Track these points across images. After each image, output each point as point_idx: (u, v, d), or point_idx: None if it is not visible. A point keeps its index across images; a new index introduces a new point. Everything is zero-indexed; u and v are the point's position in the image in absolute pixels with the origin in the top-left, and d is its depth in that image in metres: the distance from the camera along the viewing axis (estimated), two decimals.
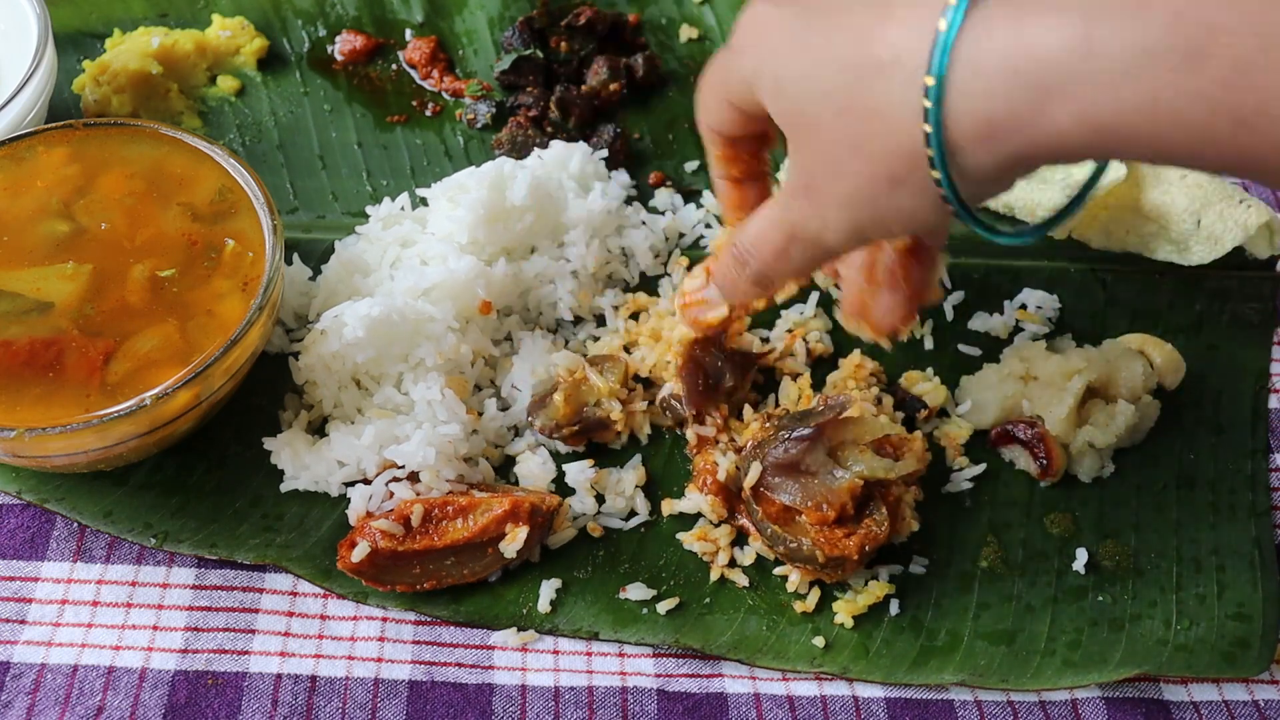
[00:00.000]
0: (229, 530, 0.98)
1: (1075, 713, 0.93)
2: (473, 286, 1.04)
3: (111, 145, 1.04)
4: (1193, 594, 0.98)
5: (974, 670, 0.93)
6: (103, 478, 1.00)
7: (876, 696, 0.93)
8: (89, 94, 1.23)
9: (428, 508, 0.96)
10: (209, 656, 0.92)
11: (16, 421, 0.88)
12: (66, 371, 0.91)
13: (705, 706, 0.92)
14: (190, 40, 1.27)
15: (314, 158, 1.23)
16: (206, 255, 0.98)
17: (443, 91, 1.29)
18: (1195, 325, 1.14)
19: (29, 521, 0.99)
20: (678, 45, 1.35)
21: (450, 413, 0.99)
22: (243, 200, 1.01)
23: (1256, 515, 1.03)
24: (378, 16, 1.34)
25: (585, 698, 0.92)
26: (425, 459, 0.97)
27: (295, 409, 1.04)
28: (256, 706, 0.90)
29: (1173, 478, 1.05)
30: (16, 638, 0.92)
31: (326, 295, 1.07)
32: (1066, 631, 0.96)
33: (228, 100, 1.27)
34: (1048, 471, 1.03)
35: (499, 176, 1.10)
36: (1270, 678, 0.95)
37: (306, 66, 1.30)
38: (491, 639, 0.95)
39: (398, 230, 1.10)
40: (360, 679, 0.92)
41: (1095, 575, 1.00)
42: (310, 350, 1.01)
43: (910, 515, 0.99)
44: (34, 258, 0.97)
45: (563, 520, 0.99)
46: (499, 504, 0.95)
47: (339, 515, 1.00)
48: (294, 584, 0.97)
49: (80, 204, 1.00)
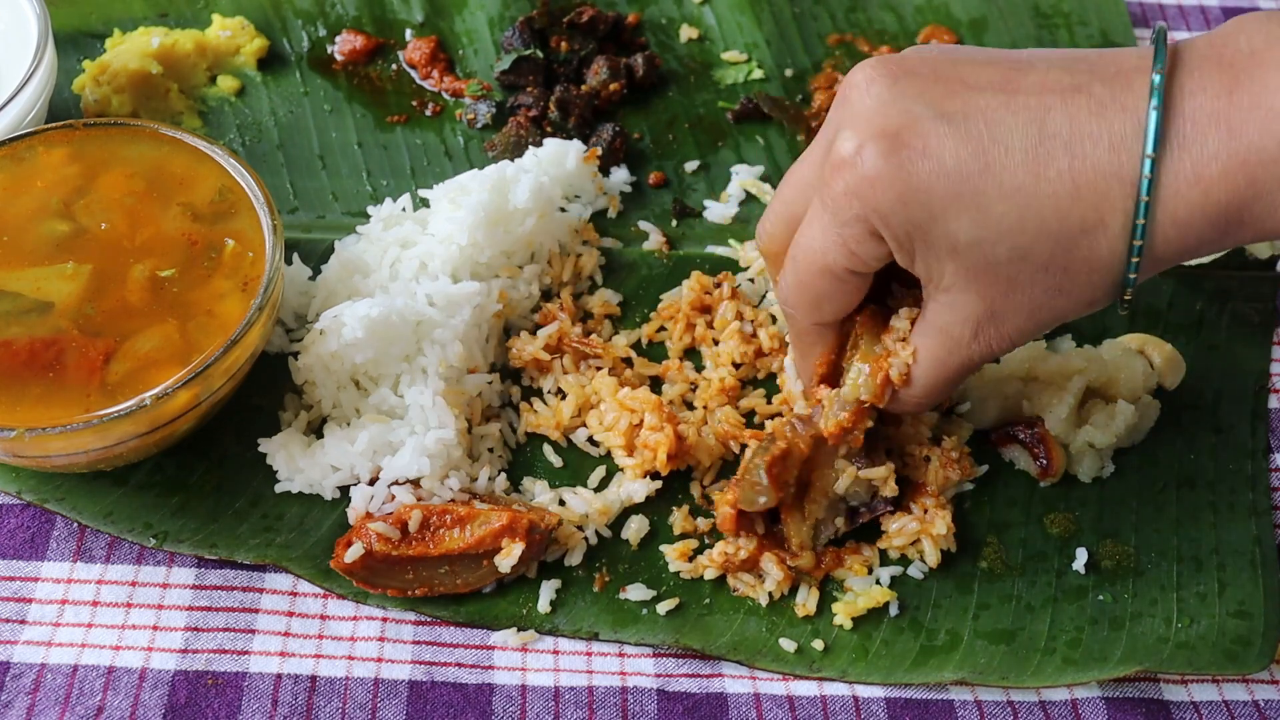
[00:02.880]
0: (229, 530, 0.98)
1: (1075, 713, 0.93)
2: (486, 306, 1.05)
3: (111, 145, 1.04)
4: (1193, 592, 0.98)
5: (974, 669, 0.93)
6: (103, 478, 1.00)
7: (876, 696, 0.93)
8: (89, 94, 1.23)
9: (426, 514, 0.96)
10: (209, 656, 0.92)
11: (16, 421, 0.88)
12: (66, 371, 0.91)
13: (705, 706, 0.92)
14: (190, 40, 1.27)
15: (314, 158, 1.23)
16: (206, 255, 0.98)
17: (443, 91, 1.29)
18: (1195, 325, 1.14)
19: (29, 521, 0.99)
20: (678, 45, 1.35)
21: (441, 420, 0.99)
22: (243, 200, 1.01)
23: (1257, 514, 1.03)
24: (378, 16, 1.34)
25: (585, 698, 0.92)
26: (421, 469, 0.97)
27: (295, 409, 1.04)
28: (256, 706, 0.90)
29: (1173, 478, 1.05)
30: (16, 638, 0.92)
31: (326, 295, 1.07)
32: (1067, 630, 0.96)
33: (228, 100, 1.27)
34: (1048, 471, 1.03)
35: (501, 179, 1.10)
36: (1270, 677, 0.95)
37: (306, 66, 1.30)
38: (491, 639, 0.95)
39: (398, 231, 1.10)
40: (360, 679, 0.92)
41: (1095, 575, 1.00)
42: (309, 350, 1.01)
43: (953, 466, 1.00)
44: (34, 258, 0.97)
45: (569, 537, 0.99)
46: (497, 518, 0.95)
47: (339, 515, 1.00)
48: (294, 584, 0.97)
49: (80, 204, 1.00)
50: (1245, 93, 0.76)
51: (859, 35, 1.37)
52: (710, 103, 1.30)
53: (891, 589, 0.97)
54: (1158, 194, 0.78)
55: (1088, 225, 0.79)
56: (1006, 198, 0.79)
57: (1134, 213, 0.78)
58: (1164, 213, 0.78)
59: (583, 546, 0.99)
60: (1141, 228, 0.78)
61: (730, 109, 1.29)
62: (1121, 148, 0.78)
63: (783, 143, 1.27)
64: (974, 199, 0.79)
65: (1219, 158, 0.76)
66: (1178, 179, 0.77)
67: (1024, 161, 0.78)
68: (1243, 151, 0.76)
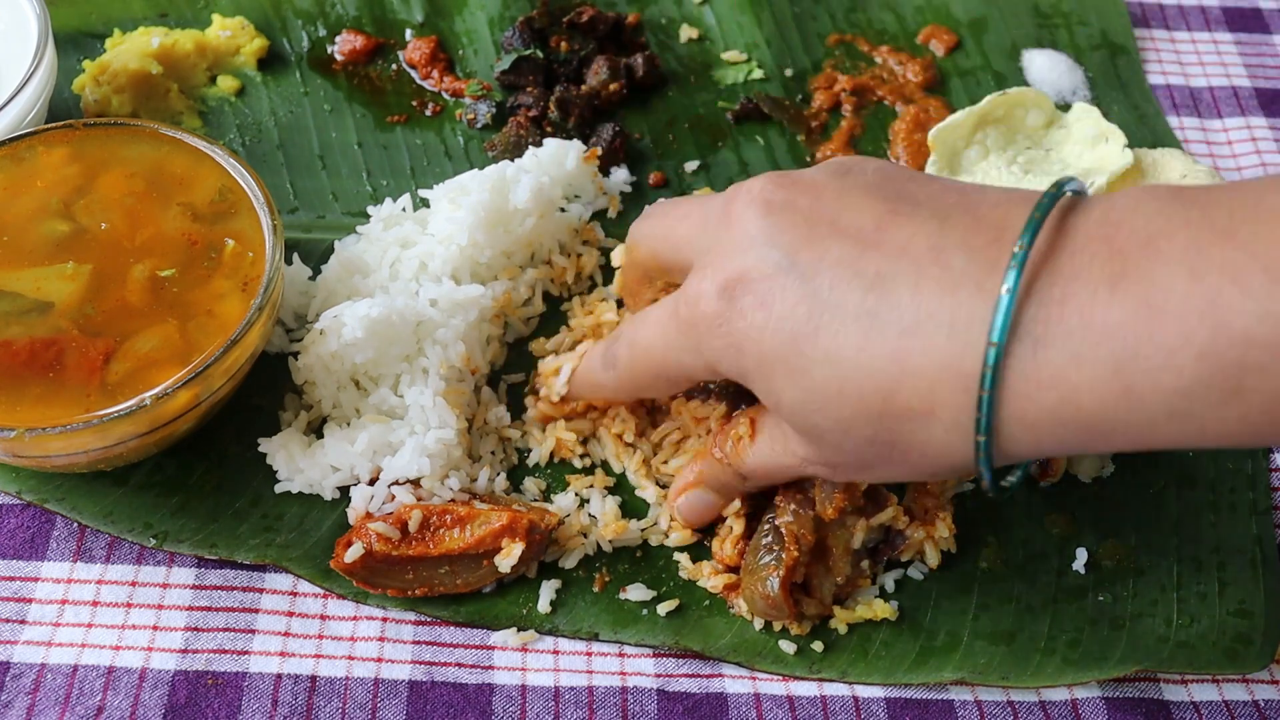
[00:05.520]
0: (229, 530, 0.98)
1: (1075, 713, 0.93)
2: (486, 307, 1.05)
3: (111, 145, 1.04)
4: (1194, 592, 0.98)
5: (974, 669, 0.93)
6: (103, 478, 1.00)
7: (876, 696, 0.93)
8: (89, 94, 1.23)
9: (426, 515, 0.96)
10: (209, 656, 0.92)
11: (16, 421, 0.88)
12: (66, 371, 0.91)
13: (705, 706, 0.92)
14: (190, 40, 1.27)
15: (314, 158, 1.23)
16: (206, 255, 0.98)
17: (443, 91, 1.29)
18: None
19: (29, 521, 0.99)
20: (678, 45, 1.35)
21: (441, 420, 0.99)
22: (243, 200, 1.01)
23: (1257, 514, 1.03)
24: (378, 16, 1.34)
25: (585, 698, 0.92)
26: (421, 469, 0.97)
27: (295, 409, 1.04)
28: (256, 706, 0.90)
29: (1173, 477, 1.05)
30: (16, 638, 0.92)
31: (326, 295, 1.07)
32: (1067, 630, 0.96)
33: (228, 100, 1.27)
34: (1048, 471, 1.03)
35: (501, 179, 1.10)
36: (1270, 677, 0.95)
37: (306, 66, 1.30)
38: (491, 639, 0.95)
39: (398, 231, 1.10)
40: (360, 679, 0.92)
41: (1095, 575, 0.99)
42: (309, 350, 1.01)
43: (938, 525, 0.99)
44: (34, 258, 0.97)
45: (570, 537, 0.99)
46: (497, 518, 0.95)
47: (339, 515, 1.00)
48: (294, 584, 0.97)
49: (80, 204, 1.00)
50: (1131, 290, 0.65)
51: (859, 35, 1.37)
52: (710, 103, 1.31)
53: (892, 590, 0.98)
54: (1001, 392, 0.68)
55: (914, 412, 0.71)
56: (830, 364, 0.72)
57: (972, 407, 0.69)
58: (1010, 412, 0.68)
59: (581, 550, 0.99)
60: (983, 423, 0.69)
61: (730, 109, 1.30)
62: (964, 334, 0.68)
63: (783, 143, 1.27)
64: (798, 361, 0.74)
65: (1087, 361, 0.66)
66: (1028, 380, 0.67)
67: (855, 331, 0.71)
68: (1117, 362, 0.65)
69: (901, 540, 0.97)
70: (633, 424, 1.02)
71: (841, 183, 0.78)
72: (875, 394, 0.71)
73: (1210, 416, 0.65)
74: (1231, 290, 0.62)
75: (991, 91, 1.25)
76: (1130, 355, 0.65)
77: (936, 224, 0.72)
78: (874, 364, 0.71)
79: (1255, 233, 0.63)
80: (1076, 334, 0.66)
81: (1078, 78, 1.34)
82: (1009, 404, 0.68)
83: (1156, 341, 0.64)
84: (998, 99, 1.19)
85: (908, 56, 1.35)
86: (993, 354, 0.67)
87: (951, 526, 0.98)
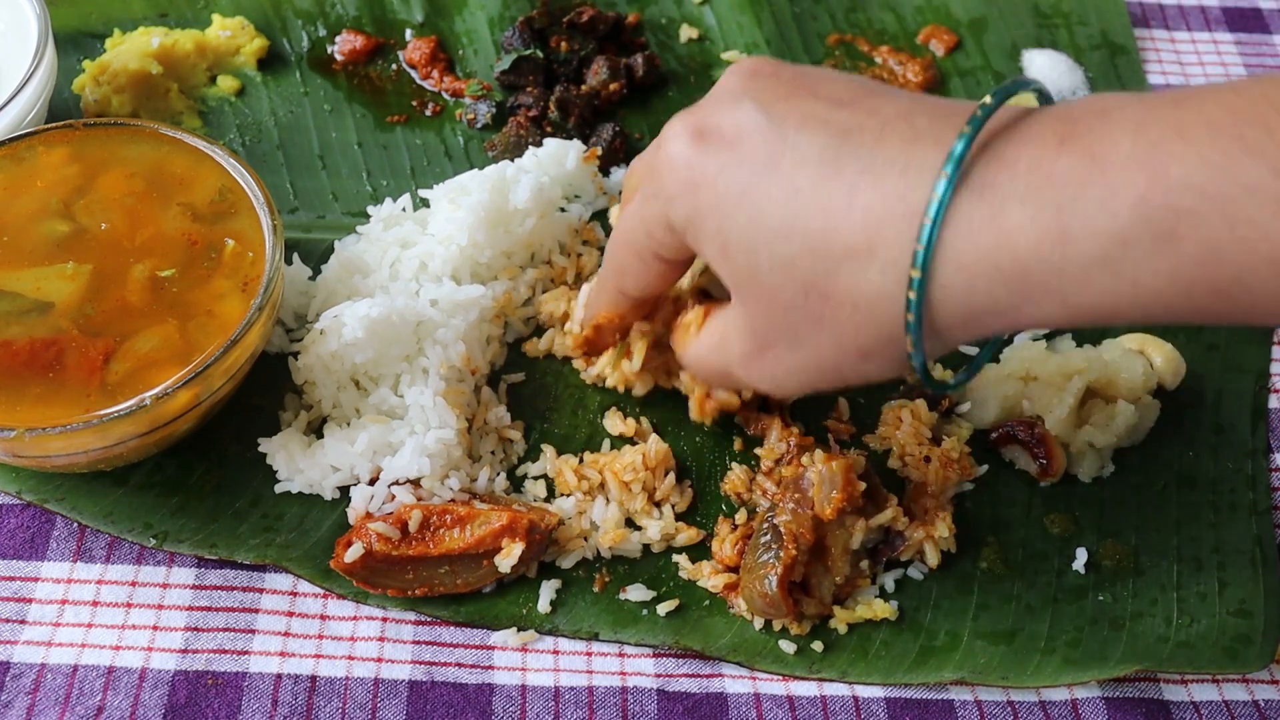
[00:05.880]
0: (229, 530, 0.98)
1: (1075, 713, 0.93)
2: (487, 307, 1.05)
3: (111, 145, 1.04)
4: (1194, 591, 0.98)
5: (974, 669, 0.93)
6: (103, 478, 1.00)
7: (876, 696, 0.93)
8: (89, 94, 1.23)
9: (426, 515, 0.96)
10: (209, 656, 0.92)
11: (16, 421, 0.88)
12: (66, 371, 0.91)
13: (705, 706, 0.92)
14: (190, 40, 1.27)
15: (314, 158, 1.23)
16: (206, 255, 0.98)
17: (443, 91, 1.29)
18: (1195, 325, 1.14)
19: (29, 521, 0.99)
20: (678, 45, 1.35)
21: (441, 420, 0.99)
22: (243, 200, 1.01)
23: (1257, 514, 1.03)
24: (378, 16, 1.34)
25: (585, 698, 0.92)
26: (421, 469, 0.97)
27: (295, 409, 1.04)
28: (256, 706, 0.90)
29: (1173, 477, 1.05)
30: (16, 638, 0.92)
31: (326, 295, 1.07)
32: (1066, 630, 0.96)
33: (228, 100, 1.27)
34: (1048, 471, 1.03)
35: (501, 179, 1.10)
36: (1270, 677, 0.95)
37: (306, 66, 1.30)
38: (491, 639, 0.95)
39: (398, 231, 1.10)
40: (360, 679, 0.92)
41: (1095, 575, 1.00)
42: (309, 350, 1.01)
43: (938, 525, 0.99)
44: (34, 258, 0.97)
45: (570, 538, 0.99)
46: (497, 518, 0.95)
47: (339, 515, 1.00)
48: (294, 584, 0.97)
49: (80, 204, 1.00)
50: (1079, 143, 0.67)
51: (859, 35, 1.37)
52: None
53: (892, 590, 0.98)
54: (942, 232, 0.69)
55: (854, 249, 0.71)
56: (782, 202, 0.73)
57: (912, 241, 0.69)
58: (947, 254, 0.69)
59: (581, 551, 0.98)
60: (921, 256, 0.69)
61: None
62: (918, 174, 0.70)
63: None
64: (751, 197, 0.74)
65: (1029, 205, 0.67)
66: (970, 221, 0.68)
67: (814, 168, 0.72)
68: (1057, 206, 0.66)
69: (901, 540, 0.97)
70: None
71: (825, 70, 0.81)
72: (820, 229, 0.72)
73: (1144, 268, 0.66)
74: (1174, 140, 0.64)
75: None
76: (1069, 199, 0.66)
77: (909, 101, 0.75)
78: (826, 200, 0.72)
79: (1202, 99, 0.66)
80: (1020, 181, 0.68)
81: (1078, 78, 1.34)
82: (948, 244, 0.69)
83: (1096, 186, 0.65)
84: None
85: (908, 56, 1.35)
86: (943, 184, 0.68)
87: (951, 526, 0.98)
